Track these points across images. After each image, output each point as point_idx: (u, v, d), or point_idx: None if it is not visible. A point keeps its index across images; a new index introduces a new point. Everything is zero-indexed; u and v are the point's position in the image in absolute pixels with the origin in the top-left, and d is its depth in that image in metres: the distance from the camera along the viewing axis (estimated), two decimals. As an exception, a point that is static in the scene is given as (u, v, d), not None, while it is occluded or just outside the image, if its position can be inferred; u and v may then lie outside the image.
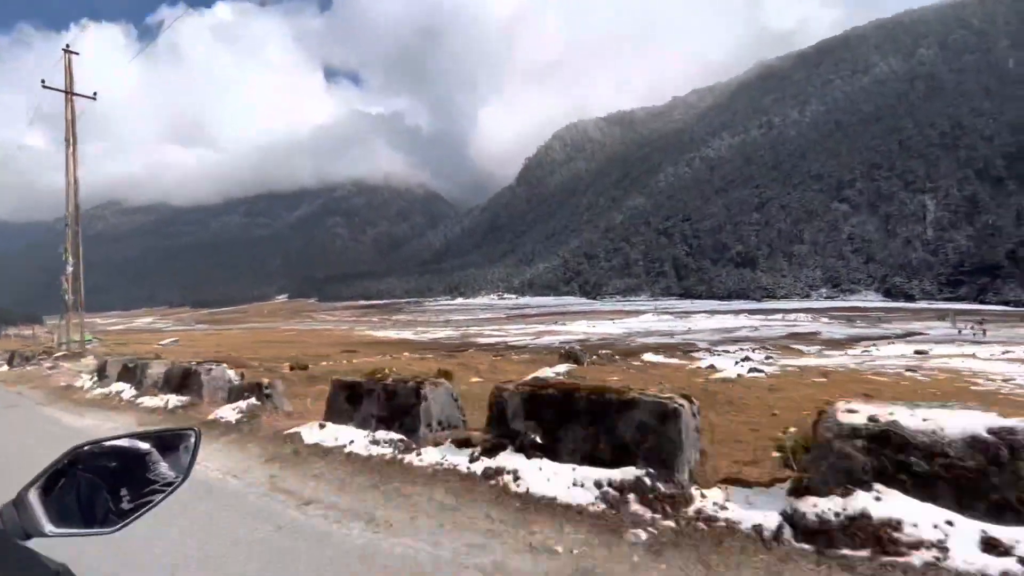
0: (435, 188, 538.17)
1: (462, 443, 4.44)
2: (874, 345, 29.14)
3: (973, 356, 19.77)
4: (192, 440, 0.88)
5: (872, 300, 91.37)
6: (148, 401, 8.57)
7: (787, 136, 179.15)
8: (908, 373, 14.53)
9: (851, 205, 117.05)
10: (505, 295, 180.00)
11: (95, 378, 11.32)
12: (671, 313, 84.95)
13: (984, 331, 35.82)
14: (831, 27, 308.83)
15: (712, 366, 16.22)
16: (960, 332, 41.30)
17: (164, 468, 0.82)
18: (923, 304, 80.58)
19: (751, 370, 13.96)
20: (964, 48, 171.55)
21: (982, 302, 75.48)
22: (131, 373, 10.00)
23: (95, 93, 21.32)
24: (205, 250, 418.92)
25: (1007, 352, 21.21)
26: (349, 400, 5.55)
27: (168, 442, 0.85)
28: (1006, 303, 72.49)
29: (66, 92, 20.39)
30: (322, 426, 5.52)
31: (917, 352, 22.76)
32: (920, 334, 41.21)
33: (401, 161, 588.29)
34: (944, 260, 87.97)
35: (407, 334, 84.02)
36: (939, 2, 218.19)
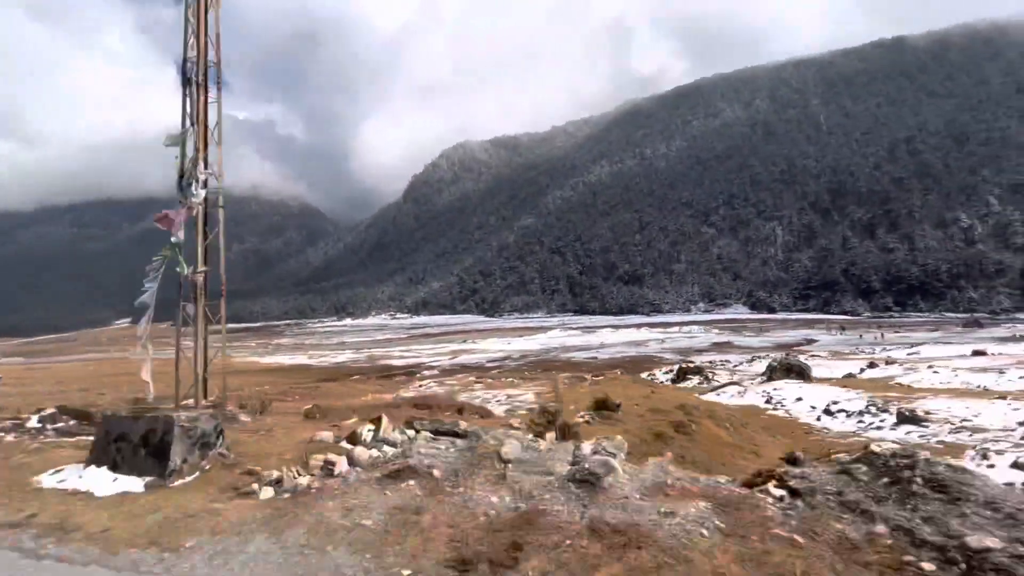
0: (312, 202, 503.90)
1: None
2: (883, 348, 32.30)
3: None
4: None
5: (741, 312, 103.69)
6: None
7: (658, 167, 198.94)
8: None
9: (717, 229, 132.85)
10: (398, 315, 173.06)
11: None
12: (576, 328, 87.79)
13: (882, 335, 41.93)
14: (683, 75, 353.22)
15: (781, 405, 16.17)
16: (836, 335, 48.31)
17: None
18: (782, 315, 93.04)
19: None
20: (787, 103, 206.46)
21: (827, 313, 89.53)
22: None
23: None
24: (11, 266, 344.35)
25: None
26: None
27: None
28: (844, 313, 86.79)
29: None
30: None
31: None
32: (814, 340, 46.99)
33: (273, 172, 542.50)
34: (795, 277, 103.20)
35: (301, 359, 76.06)
36: (764, 63, 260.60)
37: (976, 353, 30.33)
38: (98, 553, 3.88)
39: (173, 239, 8.76)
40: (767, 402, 19.05)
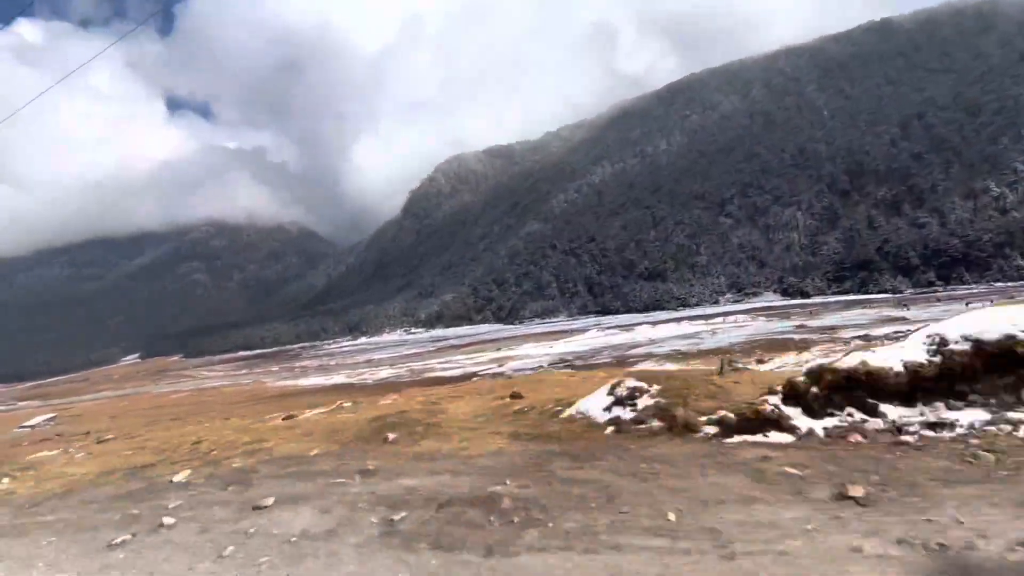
0: (309, 226, 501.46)
1: None
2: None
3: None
4: None
5: (773, 300, 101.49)
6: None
7: (660, 163, 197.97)
8: None
9: (735, 219, 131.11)
10: (413, 329, 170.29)
11: None
12: (612, 327, 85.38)
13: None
14: (671, 73, 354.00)
15: None
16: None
17: None
18: (819, 299, 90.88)
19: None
20: (784, 91, 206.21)
21: (864, 293, 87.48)
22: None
23: None
24: (11, 312, 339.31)
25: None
26: None
27: None
28: (884, 292, 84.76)
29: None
30: None
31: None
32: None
33: (267, 198, 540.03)
34: (826, 259, 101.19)
35: (339, 379, 73.28)
36: (753, 55, 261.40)
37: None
38: None
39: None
40: None
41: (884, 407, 5.61)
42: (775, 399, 6.10)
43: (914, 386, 5.57)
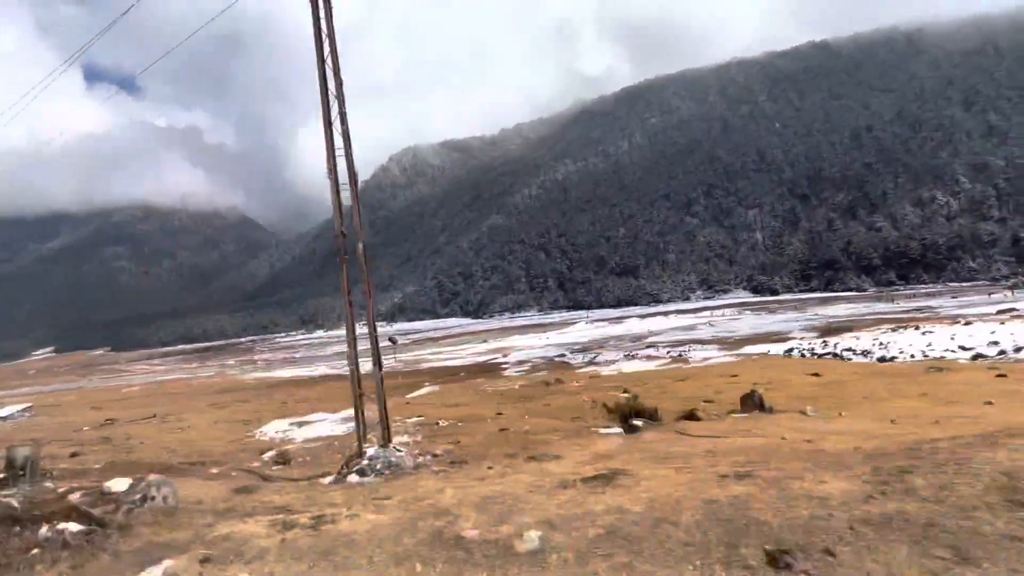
0: (248, 213, 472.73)
1: None
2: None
3: None
4: None
5: (743, 296, 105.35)
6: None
7: (623, 163, 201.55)
8: None
9: (700, 219, 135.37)
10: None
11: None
12: (602, 320, 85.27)
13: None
14: (627, 77, 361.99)
15: None
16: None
17: None
18: (788, 296, 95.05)
19: None
20: (739, 99, 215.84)
21: (830, 291, 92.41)
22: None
23: None
24: None
25: None
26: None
27: None
28: (849, 290, 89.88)
29: None
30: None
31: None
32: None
33: (203, 182, 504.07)
34: (791, 259, 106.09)
35: (322, 369, 68.50)
36: (708, 64, 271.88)
37: None
38: None
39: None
40: None
41: None
42: None
43: None
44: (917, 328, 27.01)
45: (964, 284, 77.80)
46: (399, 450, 7.75)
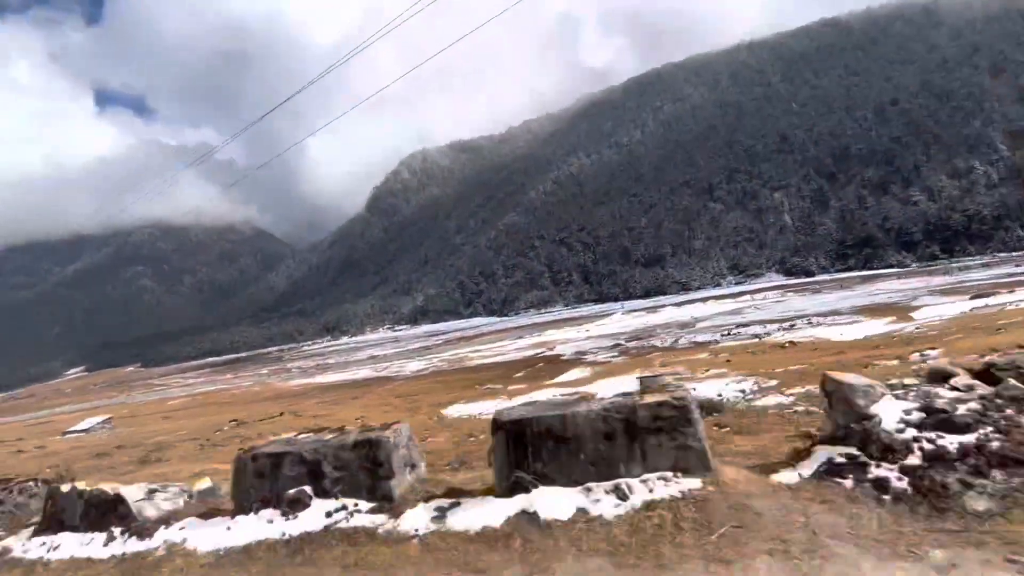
0: (263, 225, 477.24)
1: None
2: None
3: None
4: None
5: (776, 280, 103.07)
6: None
7: (638, 153, 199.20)
8: None
9: (724, 204, 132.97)
10: (397, 326, 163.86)
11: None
12: (639, 310, 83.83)
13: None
14: (633, 67, 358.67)
15: None
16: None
17: None
18: (825, 277, 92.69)
19: None
20: (752, 82, 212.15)
21: (870, 269, 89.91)
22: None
23: None
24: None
25: None
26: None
27: None
28: (890, 267, 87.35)
29: None
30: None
31: None
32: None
33: (217, 198, 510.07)
34: (824, 239, 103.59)
35: (364, 372, 68.22)
36: (716, 49, 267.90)
37: None
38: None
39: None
40: None
41: None
42: None
43: None
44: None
45: (1014, 254, 74.99)
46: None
